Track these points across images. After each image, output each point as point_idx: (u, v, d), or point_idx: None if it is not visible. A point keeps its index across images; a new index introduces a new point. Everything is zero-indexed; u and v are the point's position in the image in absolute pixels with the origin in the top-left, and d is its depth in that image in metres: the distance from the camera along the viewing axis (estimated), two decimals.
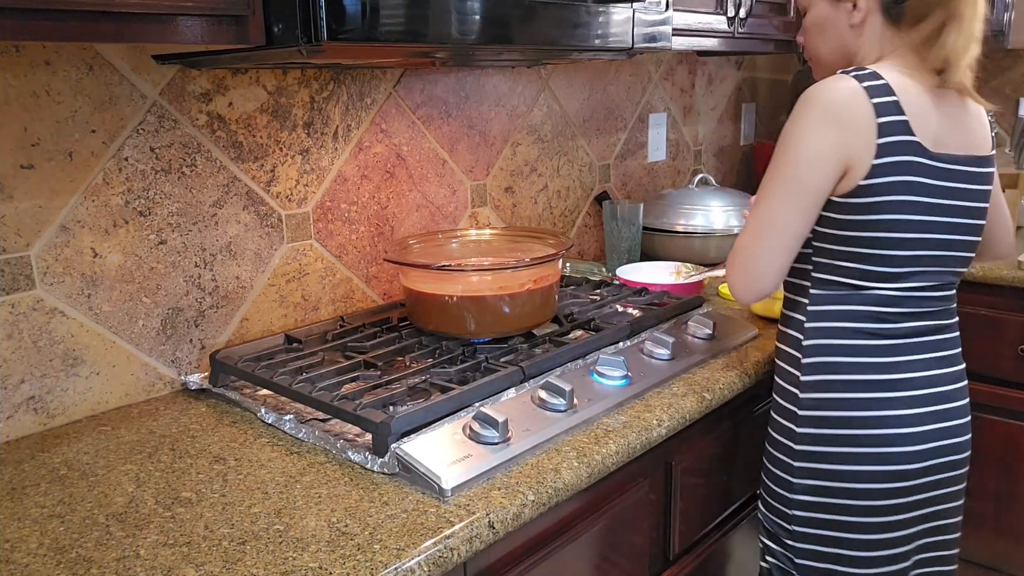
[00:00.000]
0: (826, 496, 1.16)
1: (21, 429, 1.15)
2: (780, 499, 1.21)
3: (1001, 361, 1.97)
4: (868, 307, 1.13)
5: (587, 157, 2.07)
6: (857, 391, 1.13)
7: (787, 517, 1.20)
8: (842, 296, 1.14)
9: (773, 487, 1.22)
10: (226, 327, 1.36)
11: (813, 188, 1.08)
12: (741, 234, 1.16)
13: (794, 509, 1.18)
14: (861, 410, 1.13)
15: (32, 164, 1.12)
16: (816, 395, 1.15)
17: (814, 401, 1.15)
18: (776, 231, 1.11)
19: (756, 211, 1.13)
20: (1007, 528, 2.04)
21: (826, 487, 1.15)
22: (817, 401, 1.15)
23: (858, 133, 1.06)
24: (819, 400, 1.15)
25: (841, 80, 1.09)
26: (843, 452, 1.14)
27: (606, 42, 1.33)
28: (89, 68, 1.15)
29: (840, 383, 1.14)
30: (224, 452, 1.07)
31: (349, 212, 1.52)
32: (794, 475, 1.18)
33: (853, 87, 1.07)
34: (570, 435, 1.08)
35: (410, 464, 0.96)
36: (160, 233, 1.26)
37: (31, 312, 1.14)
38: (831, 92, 1.08)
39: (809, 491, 1.17)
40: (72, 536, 0.88)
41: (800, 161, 1.08)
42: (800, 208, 1.10)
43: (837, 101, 1.07)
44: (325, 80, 1.44)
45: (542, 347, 1.32)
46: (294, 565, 0.81)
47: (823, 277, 1.15)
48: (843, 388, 1.14)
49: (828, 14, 1.18)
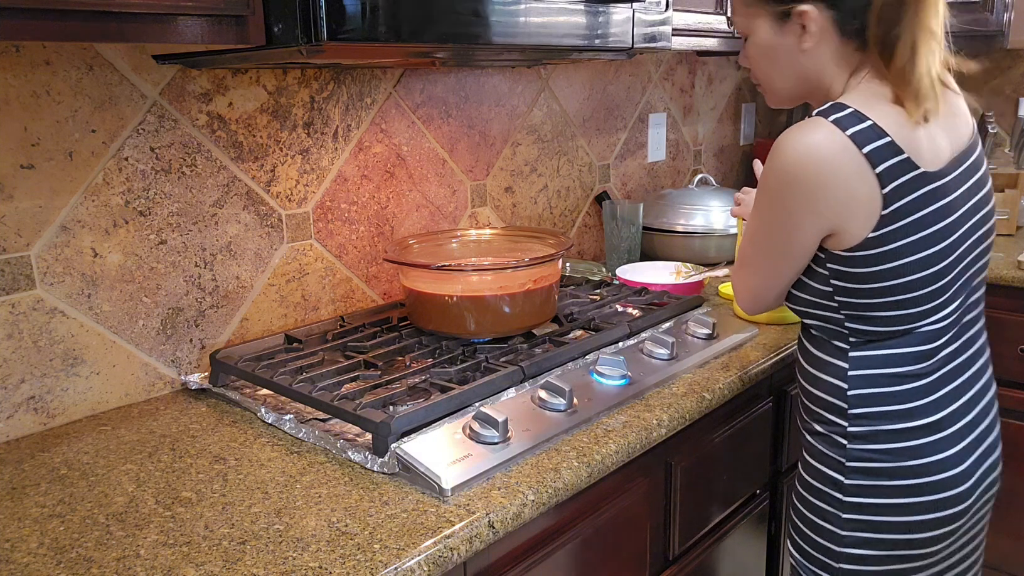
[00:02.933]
0: (879, 548, 1.08)
1: (21, 429, 1.15)
2: (825, 551, 1.11)
3: (1001, 361, 1.97)
4: (913, 348, 1.04)
5: (587, 157, 2.07)
6: (910, 439, 1.05)
7: (833, 570, 1.11)
8: (886, 342, 1.04)
9: (816, 538, 1.12)
10: (226, 327, 1.36)
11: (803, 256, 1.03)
12: (739, 265, 1.13)
13: (842, 563, 1.10)
14: (915, 459, 1.05)
15: (32, 164, 1.12)
16: (867, 446, 1.06)
17: (865, 453, 1.06)
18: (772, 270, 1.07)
19: (749, 248, 1.09)
20: (1007, 528, 2.04)
21: (879, 539, 1.07)
22: (868, 453, 1.06)
23: (854, 193, 0.95)
24: (870, 452, 1.06)
25: (820, 131, 0.95)
26: (898, 503, 1.06)
27: (606, 42, 1.33)
28: (89, 68, 1.15)
29: (891, 433, 1.05)
30: (224, 452, 1.07)
31: (349, 212, 1.52)
32: (843, 527, 1.08)
33: (838, 142, 0.94)
34: (570, 435, 1.08)
35: (410, 464, 0.96)
36: (160, 233, 1.26)
37: (31, 312, 1.14)
38: (813, 155, 0.95)
39: (860, 543, 1.08)
40: (72, 536, 0.89)
41: (785, 244, 1.02)
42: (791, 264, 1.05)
43: (822, 168, 0.95)
44: (325, 80, 1.44)
45: (542, 347, 1.32)
46: (294, 565, 0.82)
47: (860, 328, 1.04)
48: (896, 438, 1.05)
49: (775, 41, 1.05)
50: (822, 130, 0.95)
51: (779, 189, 0.99)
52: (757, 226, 1.06)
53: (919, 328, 1.03)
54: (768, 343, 1.44)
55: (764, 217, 1.04)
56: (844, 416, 1.07)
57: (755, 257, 1.09)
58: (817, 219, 0.98)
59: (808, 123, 0.97)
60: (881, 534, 1.06)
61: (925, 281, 1.00)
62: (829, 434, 1.09)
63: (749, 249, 1.10)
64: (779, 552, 1.59)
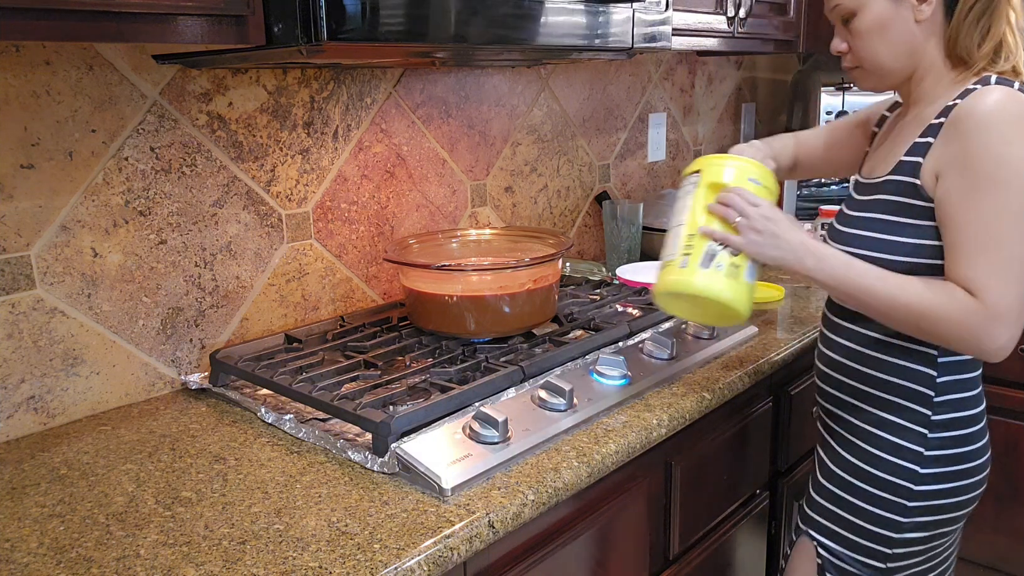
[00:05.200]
0: (933, 529, 1.12)
1: (21, 429, 1.15)
2: (882, 540, 1.13)
3: (1001, 361, 1.97)
4: None
5: (587, 157, 2.07)
6: (975, 424, 1.11)
7: (886, 556, 1.14)
8: None
9: (874, 528, 1.13)
10: (226, 327, 1.36)
11: None
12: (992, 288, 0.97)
13: (896, 547, 1.13)
14: (977, 442, 1.11)
15: (32, 164, 1.12)
16: (947, 434, 1.09)
17: (945, 441, 1.09)
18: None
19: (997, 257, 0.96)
20: (1007, 528, 2.04)
21: (936, 520, 1.12)
22: (947, 440, 1.09)
23: None
24: (949, 439, 1.09)
25: (1014, 93, 0.98)
26: (963, 485, 1.11)
27: (606, 42, 1.33)
28: (89, 68, 1.15)
29: (966, 419, 1.10)
30: (224, 452, 1.07)
31: (349, 212, 1.52)
32: (908, 515, 1.11)
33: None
34: (570, 435, 1.08)
35: (410, 464, 0.96)
36: (160, 233, 1.26)
37: (31, 312, 1.14)
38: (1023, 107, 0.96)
39: (919, 527, 1.12)
40: (72, 536, 0.89)
41: None
42: None
43: None
44: (325, 80, 1.44)
45: (542, 347, 1.32)
46: (294, 565, 0.82)
47: None
48: (968, 424, 1.10)
49: (890, 12, 1.05)
50: (1010, 91, 0.97)
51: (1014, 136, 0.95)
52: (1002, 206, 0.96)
53: None
54: (768, 343, 1.44)
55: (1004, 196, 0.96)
56: (929, 404, 1.09)
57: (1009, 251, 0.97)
58: None
59: (986, 89, 0.98)
60: (941, 515, 1.11)
61: None
62: (907, 424, 1.10)
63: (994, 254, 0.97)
64: (779, 552, 1.59)
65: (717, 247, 1.07)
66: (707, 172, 1.13)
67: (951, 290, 0.99)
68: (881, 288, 1.02)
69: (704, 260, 1.07)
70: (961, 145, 0.98)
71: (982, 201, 0.97)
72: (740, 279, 1.07)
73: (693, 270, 1.07)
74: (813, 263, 1.05)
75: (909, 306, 1.01)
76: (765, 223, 1.06)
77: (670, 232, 1.14)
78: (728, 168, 1.12)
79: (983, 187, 0.96)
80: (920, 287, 1.00)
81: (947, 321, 0.99)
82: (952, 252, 1.00)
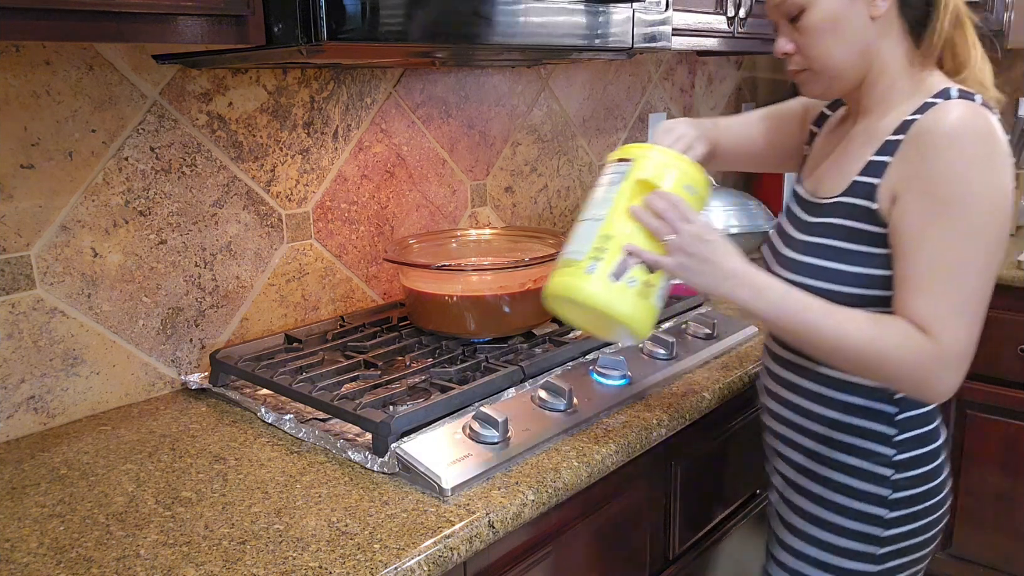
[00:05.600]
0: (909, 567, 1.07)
1: (21, 429, 1.15)
2: None
3: (1001, 361, 1.97)
4: None
5: (587, 157, 2.06)
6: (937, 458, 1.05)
7: None
8: None
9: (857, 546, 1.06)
10: (226, 327, 1.36)
11: (1004, 247, 0.90)
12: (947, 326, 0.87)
13: None
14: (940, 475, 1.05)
15: (32, 164, 1.12)
16: (911, 473, 1.02)
17: (910, 481, 1.03)
18: (982, 307, 0.90)
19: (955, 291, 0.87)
20: (1007, 528, 2.04)
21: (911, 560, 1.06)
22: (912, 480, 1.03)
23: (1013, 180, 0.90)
24: (914, 479, 1.03)
25: (977, 109, 0.89)
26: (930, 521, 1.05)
27: (606, 42, 1.33)
28: (89, 68, 1.15)
29: (929, 455, 1.03)
30: (224, 452, 1.07)
31: (349, 212, 1.52)
32: (881, 562, 1.05)
33: (995, 120, 0.89)
34: (570, 435, 1.08)
35: (410, 464, 0.96)
36: (160, 233, 1.26)
37: (31, 312, 1.14)
38: (992, 126, 0.88)
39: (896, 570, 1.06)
40: (72, 536, 0.88)
41: (1005, 211, 0.88)
42: (995, 274, 0.90)
43: (999, 137, 0.88)
44: (325, 80, 1.44)
45: (542, 347, 1.32)
46: (294, 565, 0.82)
47: None
48: (930, 459, 1.04)
49: (843, 7, 0.94)
50: (974, 108, 0.89)
51: (971, 156, 0.86)
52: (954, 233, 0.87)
53: None
54: None
55: (966, 221, 0.86)
56: (889, 443, 1.01)
57: (968, 285, 0.88)
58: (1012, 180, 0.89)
59: (948, 104, 0.90)
60: (913, 554, 1.06)
61: None
62: (869, 467, 1.02)
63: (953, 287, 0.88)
64: None
65: (633, 259, 0.95)
66: (639, 165, 0.98)
67: (903, 328, 0.89)
68: (826, 325, 0.91)
69: (615, 271, 0.94)
70: (921, 165, 0.88)
71: (941, 228, 0.87)
72: (650, 300, 0.96)
73: (601, 280, 0.94)
74: (749, 295, 0.94)
75: (857, 346, 0.90)
76: (698, 245, 0.94)
77: (581, 224, 0.99)
78: (666, 169, 0.98)
79: (943, 213, 0.87)
80: (869, 324, 0.90)
81: (896, 362, 0.89)
82: (905, 284, 0.90)
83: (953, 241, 0.87)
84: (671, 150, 1.03)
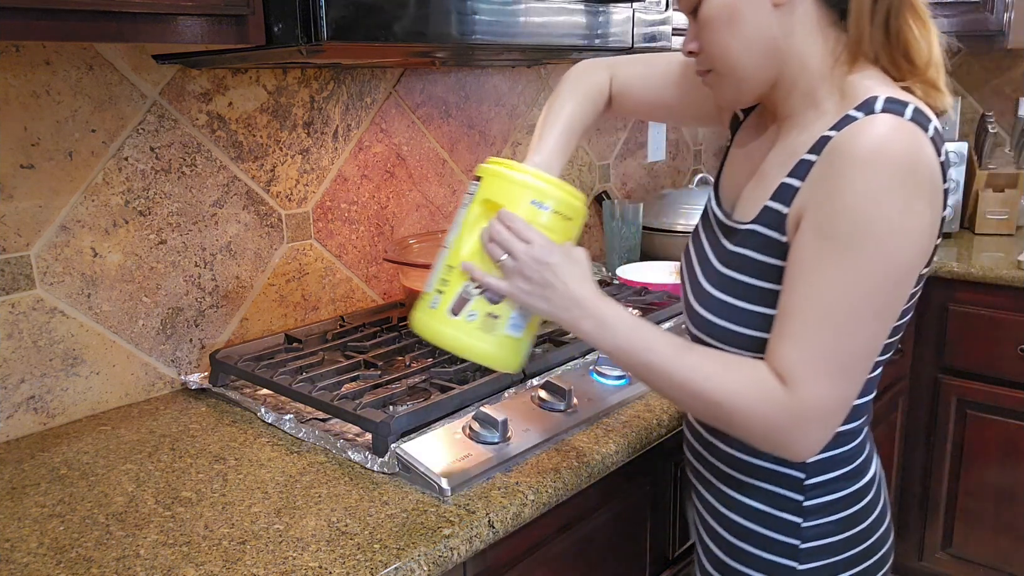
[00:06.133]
0: None
1: (21, 429, 1.15)
2: None
3: (1001, 361, 1.97)
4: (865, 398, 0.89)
5: (587, 157, 2.06)
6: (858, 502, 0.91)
7: None
8: None
9: None
10: (226, 327, 1.36)
11: (908, 292, 0.79)
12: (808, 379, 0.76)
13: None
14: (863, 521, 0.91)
15: (32, 164, 1.12)
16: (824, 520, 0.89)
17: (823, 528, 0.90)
18: (863, 363, 0.78)
19: (828, 341, 0.76)
20: (1007, 527, 2.04)
21: None
22: (826, 527, 0.90)
23: (939, 211, 0.77)
24: (828, 526, 0.90)
25: (902, 127, 0.74)
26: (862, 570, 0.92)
27: (606, 42, 1.33)
28: (89, 68, 1.15)
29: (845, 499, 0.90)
30: (224, 452, 1.07)
31: (349, 212, 1.52)
32: None
33: (926, 142, 0.74)
34: (570, 435, 1.08)
35: (410, 464, 0.96)
36: (160, 233, 1.26)
37: (31, 312, 1.14)
38: (913, 151, 0.73)
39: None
40: (72, 536, 0.89)
41: (906, 258, 0.75)
42: (892, 324, 0.79)
43: (923, 165, 0.74)
44: (325, 80, 1.44)
45: (542, 347, 1.32)
46: (294, 565, 0.82)
47: None
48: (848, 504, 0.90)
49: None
50: (902, 127, 0.74)
51: (877, 186, 0.72)
52: (837, 285, 0.75)
53: (869, 376, 0.85)
54: None
55: (858, 262, 0.74)
56: (800, 488, 0.89)
57: (847, 335, 0.76)
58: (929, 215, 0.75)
59: (870, 120, 0.75)
60: None
61: (906, 323, 0.86)
62: (777, 513, 0.90)
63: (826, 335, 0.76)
64: None
65: (473, 290, 0.86)
66: (485, 184, 0.88)
67: (757, 375, 0.78)
68: (673, 367, 0.81)
69: (455, 305, 0.86)
70: (824, 191, 0.75)
71: (827, 267, 0.75)
72: (498, 333, 0.87)
73: (441, 316, 0.87)
74: (592, 327, 0.84)
75: (703, 392, 0.80)
76: (536, 268, 0.83)
77: (439, 251, 0.91)
78: (513, 187, 0.87)
79: (834, 250, 0.74)
80: (721, 369, 0.81)
81: (745, 412, 0.79)
82: (778, 323, 0.79)
83: (838, 283, 0.74)
84: (525, 165, 0.91)
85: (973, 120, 2.53)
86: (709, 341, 0.87)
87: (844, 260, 0.74)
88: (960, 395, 2.05)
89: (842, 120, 0.77)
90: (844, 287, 0.74)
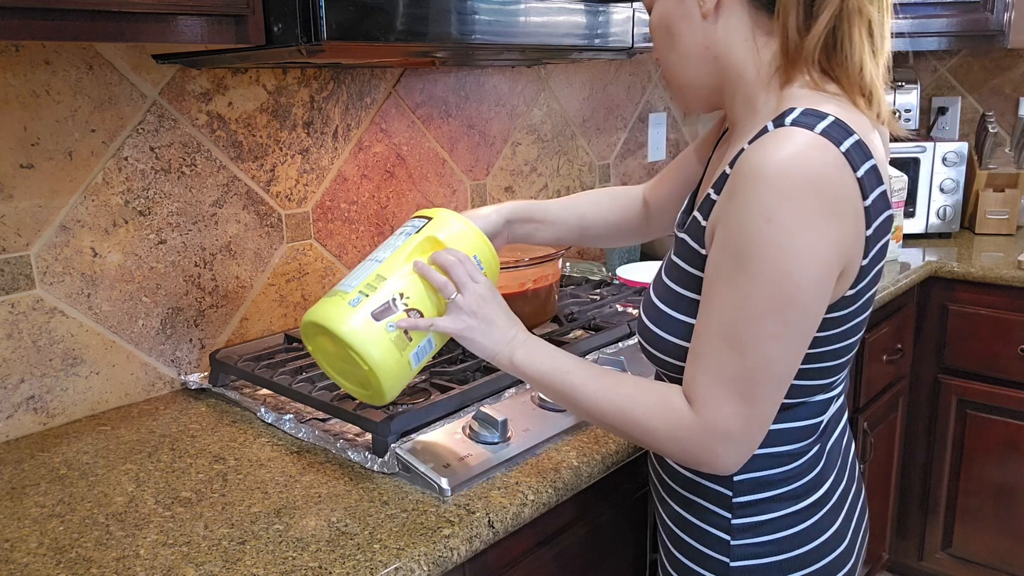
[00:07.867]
0: None
1: (21, 429, 1.15)
2: None
3: (1001, 361, 1.97)
4: (801, 422, 0.85)
5: (587, 157, 2.07)
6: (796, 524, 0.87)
7: None
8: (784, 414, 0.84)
9: None
10: (226, 327, 1.36)
11: (817, 313, 0.75)
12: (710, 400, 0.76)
13: None
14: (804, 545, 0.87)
15: (32, 163, 1.12)
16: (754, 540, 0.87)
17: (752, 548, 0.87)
18: (773, 384, 0.76)
19: (729, 361, 0.74)
20: (1007, 527, 2.04)
21: None
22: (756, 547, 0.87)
23: (853, 229, 0.73)
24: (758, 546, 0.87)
25: (809, 142, 0.71)
26: None
27: (606, 42, 1.33)
28: (89, 68, 1.15)
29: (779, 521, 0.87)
30: (224, 452, 1.07)
31: (349, 212, 1.52)
32: None
33: (835, 157, 0.71)
34: (570, 435, 1.08)
35: (410, 464, 0.96)
36: (160, 233, 1.26)
37: (31, 312, 1.14)
38: (816, 167, 0.70)
39: None
40: (72, 536, 0.88)
41: (803, 278, 0.71)
42: (802, 346, 0.76)
43: (827, 181, 0.71)
44: (325, 80, 1.44)
45: None
46: (294, 565, 0.81)
47: None
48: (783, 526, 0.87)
49: (673, 7, 0.82)
50: (815, 145, 0.71)
51: (781, 207, 0.70)
52: (751, 298, 0.72)
53: (813, 399, 0.84)
54: None
55: (755, 281, 0.72)
56: (728, 506, 0.87)
57: (749, 355, 0.74)
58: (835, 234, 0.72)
59: (779, 134, 0.72)
60: None
61: (853, 344, 0.83)
62: (709, 529, 0.89)
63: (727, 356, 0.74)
64: None
65: (401, 304, 0.88)
66: (436, 224, 0.95)
67: (664, 396, 0.79)
68: (590, 389, 0.83)
69: (378, 311, 0.88)
70: (730, 207, 0.74)
71: (728, 286, 0.74)
72: (404, 353, 0.89)
73: (361, 316, 0.87)
74: (523, 357, 0.88)
75: (616, 413, 0.82)
76: (481, 304, 0.89)
77: (362, 263, 0.95)
78: (463, 235, 0.95)
79: (734, 268, 0.73)
80: (632, 390, 0.82)
81: (655, 434, 0.79)
82: (691, 341, 0.79)
83: (732, 302, 0.73)
84: (471, 222, 0.98)
85: (973, 120, 2.53)
86: (649, 350, 0.87)
87: (737, 279, 0.73)
88: (960, 395, 2.05)
89: (759, 132, 0.75)
90: (736, 307, 0.73)
